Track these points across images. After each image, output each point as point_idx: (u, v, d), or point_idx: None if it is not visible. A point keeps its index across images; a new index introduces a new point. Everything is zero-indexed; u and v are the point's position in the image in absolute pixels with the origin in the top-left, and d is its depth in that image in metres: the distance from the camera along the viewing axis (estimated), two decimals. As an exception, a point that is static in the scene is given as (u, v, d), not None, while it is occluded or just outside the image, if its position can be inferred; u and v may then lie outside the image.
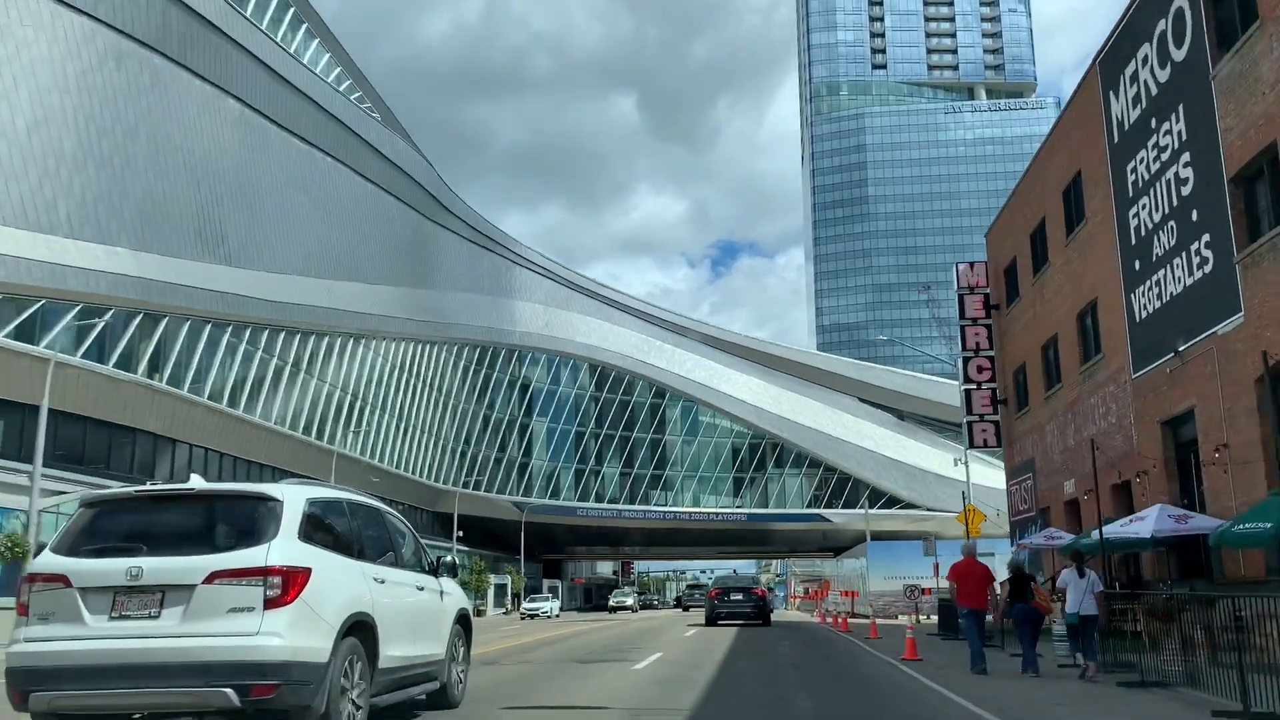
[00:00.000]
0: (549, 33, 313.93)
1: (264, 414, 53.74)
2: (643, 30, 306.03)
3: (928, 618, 34.46)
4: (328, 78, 63.75)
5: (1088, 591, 14.70)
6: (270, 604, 7.08)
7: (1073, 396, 26.68)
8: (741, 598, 34.19)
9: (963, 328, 33.54)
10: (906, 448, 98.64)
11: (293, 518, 7.56)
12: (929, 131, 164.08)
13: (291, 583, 7.19)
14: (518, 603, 75.33)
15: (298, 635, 7.14)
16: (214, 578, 7.07)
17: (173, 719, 7.35)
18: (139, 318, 43.57)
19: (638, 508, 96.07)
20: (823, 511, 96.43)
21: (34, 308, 38.41)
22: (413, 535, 10.19)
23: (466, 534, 73.92)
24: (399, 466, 70.72)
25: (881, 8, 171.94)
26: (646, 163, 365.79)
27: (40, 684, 7.02)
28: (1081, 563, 15.43)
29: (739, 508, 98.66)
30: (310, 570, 7.37)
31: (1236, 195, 17.75)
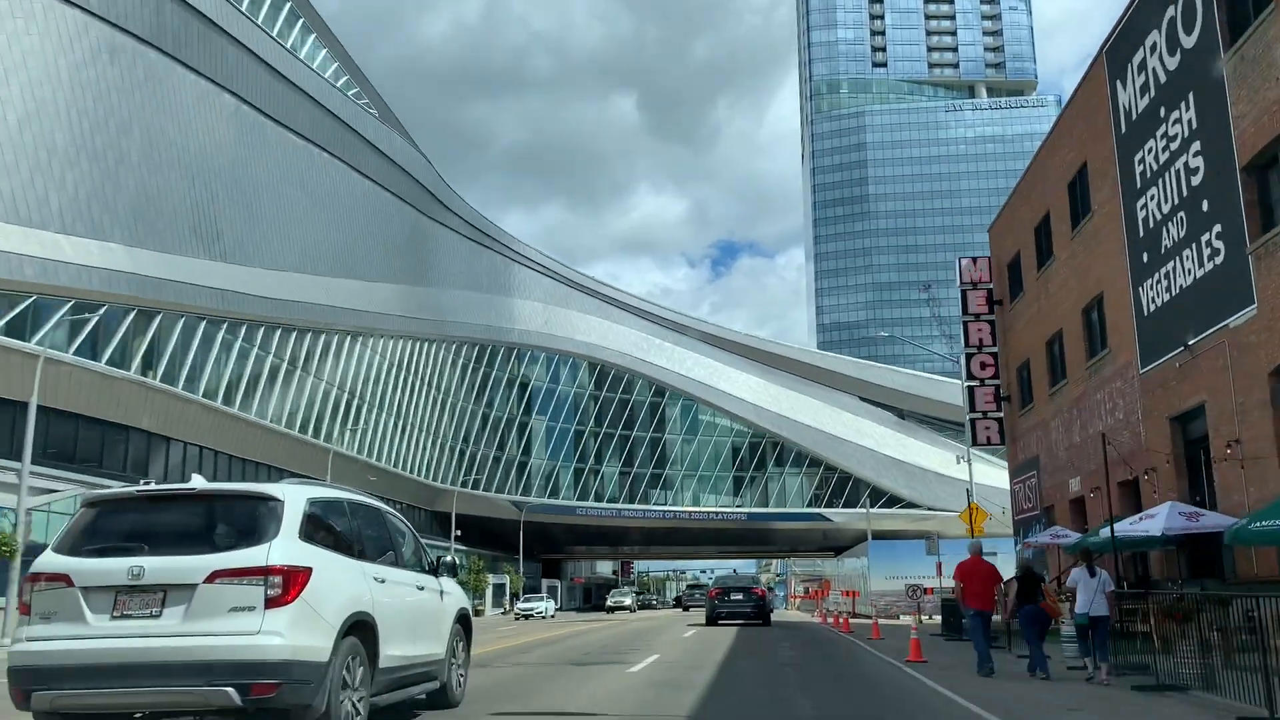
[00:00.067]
0: (549, 32, 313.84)
1: (260, 412, 53.27)
2: (643, 30, 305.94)
3: (929, 618, 34.02)
4: (324, 74, 63.29)
5: (1099, 591, 14.24)
6: (271, 603, 7.13)
7: (1078, 393, 26.25)
8: (742, 598, 34.13)
9: (965, 324, 33.15)
10: (907, 447, 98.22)
11: (293, 517, 7.61)
12: (929, 130, 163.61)
13: (292, 582, 7.25)
14: (516, 603, 74.69)
15: (298, 634, 7.18)
16: (215, 577, 7.13)
17: (174, 718, 7.39)
18: (132, 314, 43.15)
19: (637, 507, 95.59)
20: (823, 511, 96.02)
21: (25, 304, 37.98)
22: (413, 535, 10.21)
23: (465, 533, 73.46)
24: (397, 465, 70.28)
25: (882, 5, 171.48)
26: (646, 162, 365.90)
27: (42, 683, 7.06)
28: (1092, 562, 14.99)
29: (739, 507, 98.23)
30: (311, 570, 7.43)
31: (1249, 184, 17.33)
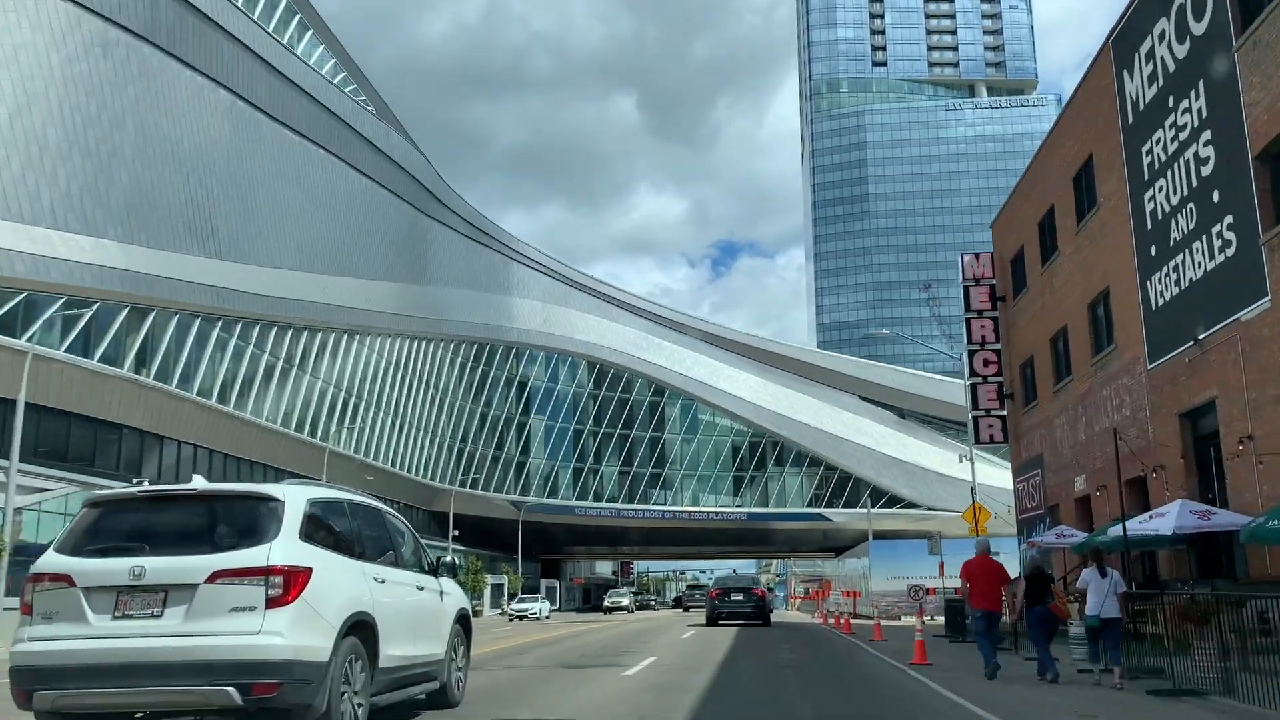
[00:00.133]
0: (549, 32, 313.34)
1: (255, 411, 52.76)
2: (643, 30, 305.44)
3: (931, 619, 33.57)
4: (321, 70, 62.78)
5: (1110, 593, 13.77)
6: (272, 603, 7.14)
7: (1083, 390, 25.79)
8: (742, 598, 34.24)
9: (968, 320, 32.68)
10: (907, 446, 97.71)
11: (294, 518, 7.62)
12: (930, 129, 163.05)
13: (293, 582, 7.26)
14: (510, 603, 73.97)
15: (299, 634, 7.19)
16: (216, 577, 7.14)
17: (175, 718, 7.39)
18: (125, 311, 42.64)
19: (636, 507, 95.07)
20: (823, 511, 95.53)
21: (15, 300, 37.48)
22: (412, 535, 10.20)
23: (463, 533, 72.93)
24: (394, 465, 69.78)
25: (882, 4, 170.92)
26: (646, 162, 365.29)
27: (44, 683, 7.08)
28: (1102, 562, 14.52)
29: (738, 507, 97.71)
30: (311, 570, 7.43)
31: (1262, 173, 16.88)
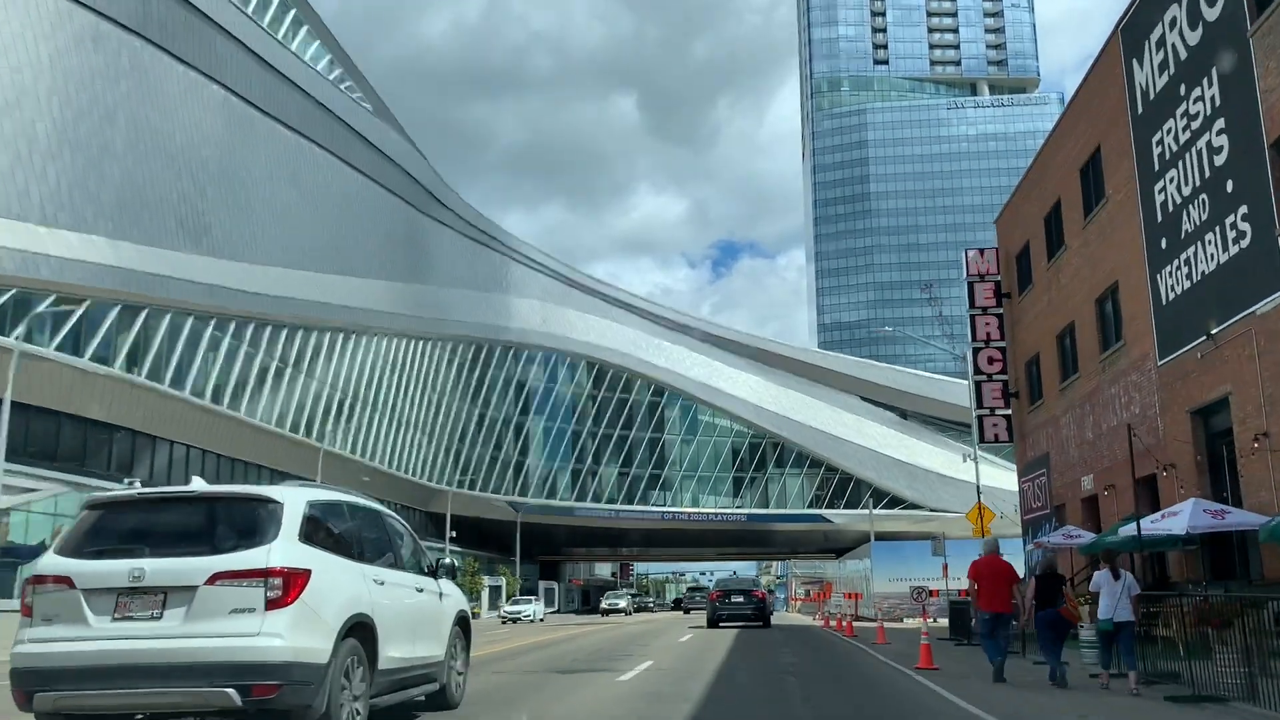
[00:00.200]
0: (549, 32, 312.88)
1: (249, 411, 52.17)
2: (643, 30, 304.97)
3: (934, 621, 32.99)
4: (317, 65, 62.25)
5: (1123, 595, 13.21)
6: (271, 605, 7.16)
7: (1091, 387, 25.23)
8: (742, 600, 34.34)
9: (972, 317, 32.09)
10: (909, 447, 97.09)
11: (293, 520, 7.64)
12: (931, 127, 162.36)
13: (292, 584, 7.27)
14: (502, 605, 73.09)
15: (298, 636, 7.20)
16: (216, 579, 7.16)
17: (175, 719, 7.38)
18: (117, 309, 42.06)
19: (636, 508, 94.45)
20: (824, 512, 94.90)
21: (4, 297, 36.89)
22: (411, 537, 10.18)
23: (460, 534, 72.34)
24: (391, 466, 69.20)
25: (883, 2, 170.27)
26: (647, 162, 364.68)
27: (44, 684, 7.10)
28: (1115, 563, 13.94)
29: (739, 508, 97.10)
30: (310, 572, 7.44)
31: (1278, 161, 16.29)
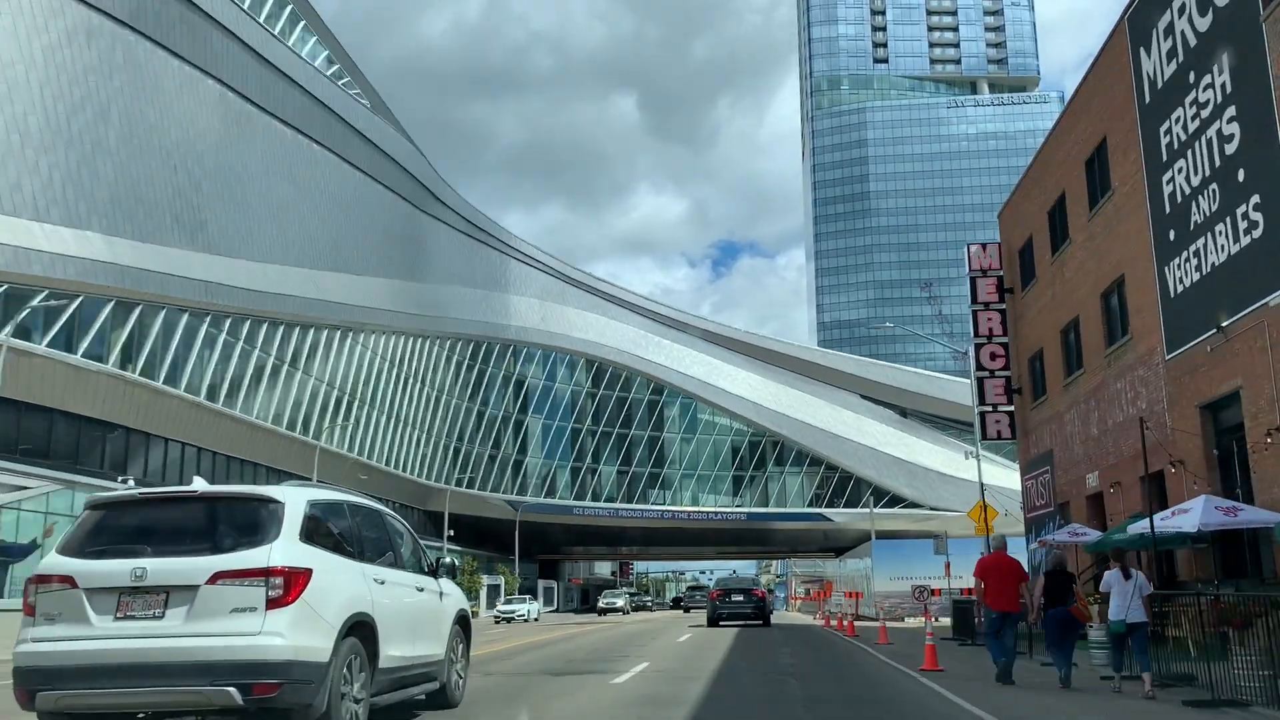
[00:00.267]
0: (549, 32, 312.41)
1: (245, 408, 51.70)
2: (643, 29, 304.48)
3: (936, 620, 32.60)
4: (314, 62, 61.78)
5: (1135, 595, 12.81)
6: (272, 604, 7.19)
7: (1096, 382, 24.80)
8: (742, 599, 34.69)
9: (974, 313, 31.69)
10: (910, 446, 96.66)
11: (294, 519, 7.67)
12: (931, 126, 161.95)
13: (293, 583, 7.30)
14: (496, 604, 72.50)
15: (299, 635, 7.23)
16: (217, 578, 7.19)
17: (177, 718, 7.39)
18: (110, 305, 41.59)
19: (635, 507, 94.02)
20: (824, 511, 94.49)
21: (-5, 293, 36.50)
22: (412, 536, 10.19)
23: (459, 533, 71.90)
24: (389, 464, 68.75)
25: (883, 1, 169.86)
26: (647, 162, 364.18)
27: (47, 683, 7.13)
28: (1125, 562, 13.54)
29: (738, 507, 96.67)
30: (311, 571, 7.46)
31: (1293, 149, 15.86)
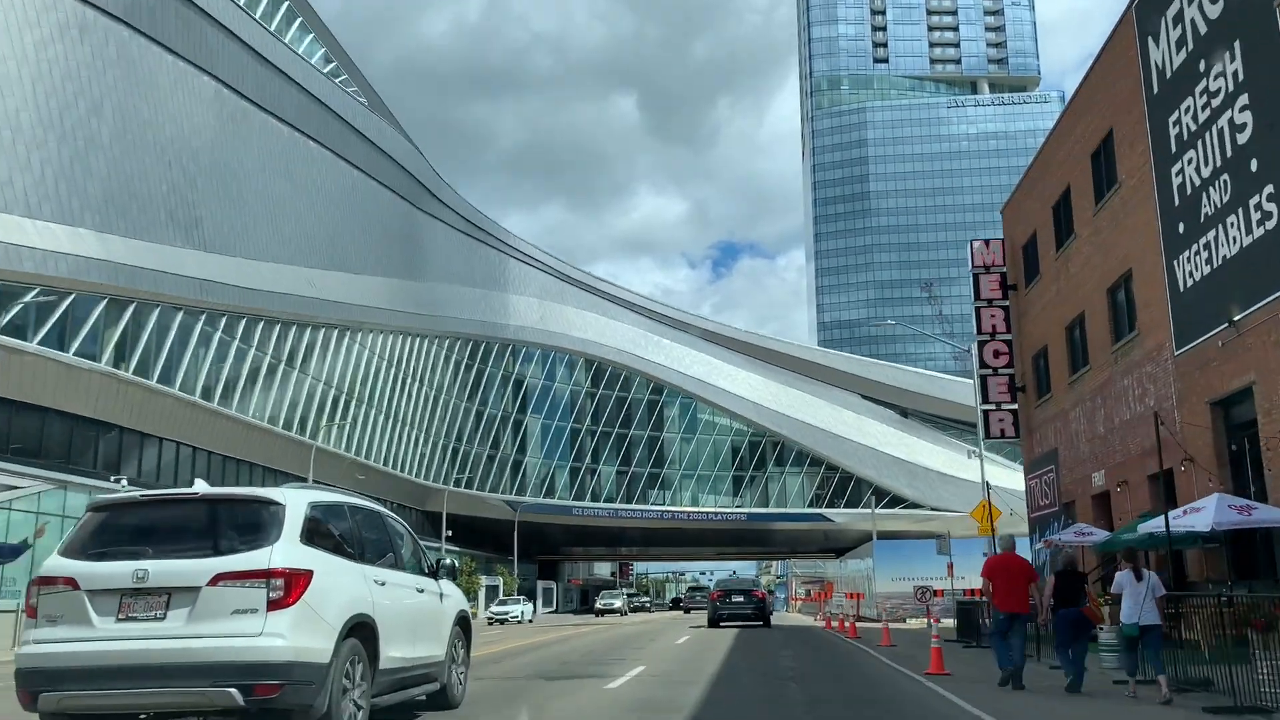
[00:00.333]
0: (549, 32, 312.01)
1: (241, 408, 51.22)
2: (643, 30, 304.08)
3: (938, 621, 32.15)
4: (311, 59, 61.33)
5: (1148, 596, 12.37)
6: (273, 605, 7.21)
7: (1102, 379, 24.36)
8: (743, 600, 35.07)
9: (977, 310, 31.29)
10: (911, 446, 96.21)
11: (295, 521, 7.70)
12: (931, 126, 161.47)
13: (294, 585, 7.32)
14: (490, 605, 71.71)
15: (300, 636, 7.25)
16: (218, 580, 7.22)
17: (178, 719, 7.39)
18: (103, 303, 41.13)
19: (635, 507, 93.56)
20: (824, 511, 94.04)
21: (-14, 290, 36.06)
22: (412, 538, 10.18)
23: (457, 534, 71.40)
24: (387, 464, 68.27)
25: (883, 0, 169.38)
26: (647, 162, 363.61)
27: (49, 684, 7.17)
28: (1137, 562, 13.09)
29: (738, 507, 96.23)
30: (312, 573, 7.49)
31: (1308, 137, 15.44)
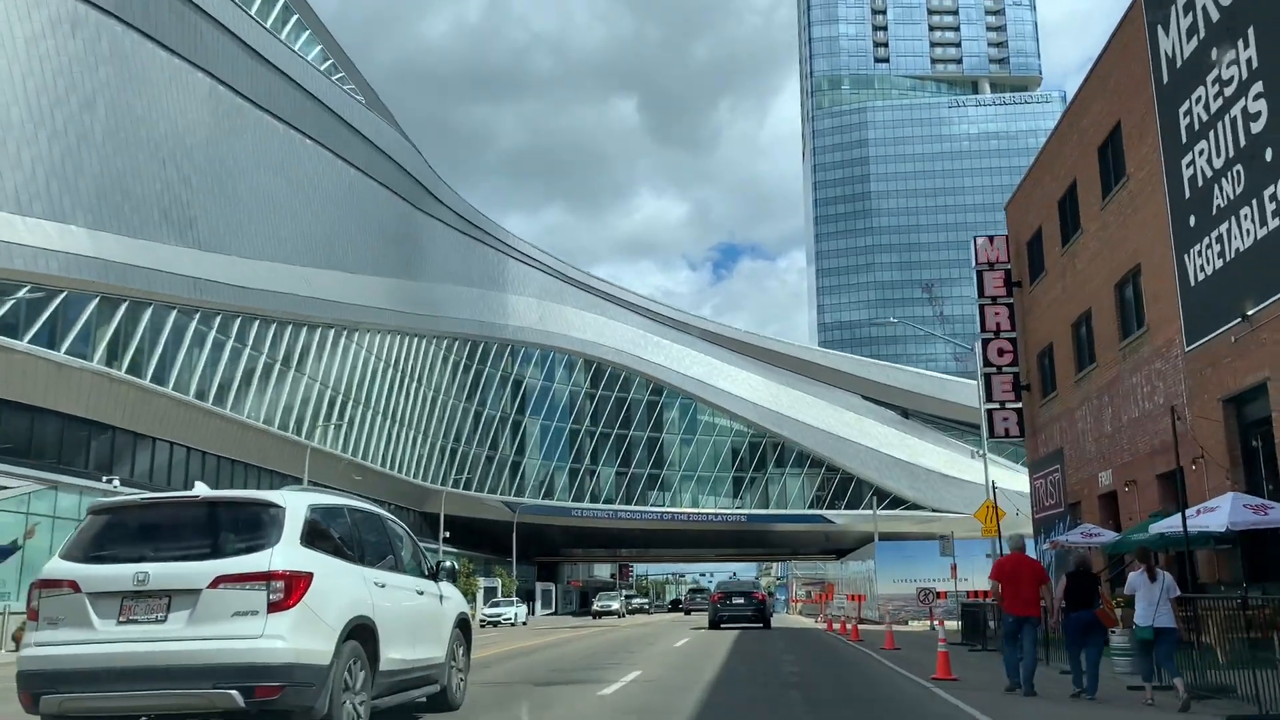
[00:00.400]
0: (550, 34, 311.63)
1: (236, 408, 50.71)
2: (644, 31, 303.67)
3: (943, 624, 31.64)
4: (308, 56, 60.85)
5: (1163, 598, 11.89)
6: (274, 608, 7.22)
7: (1109, 377, 23.87)
8: (743, 602, 35.60)
9: (981, 307, 30.86)
10: (912, 447, 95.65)
11: (295, 524, 7.72)
12: (932, 126, 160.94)
13: (294, 587, 7.33)
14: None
15: (300, 638, 7.25)
16: (219, 582, 7.24)
17: None
18: (95, 301, 40.65)
19: (634, 509, 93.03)
20: (825, 513, 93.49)
21: (-25, 288, 35.57)
22: (412, 540, 10.17)
23: (455, 535, 70.91)
24: (385, 465, 67.75)
25: (884, 0, 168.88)
26: (647, 164, 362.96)
27: (50, 687, 7.18)
28: (1151, 563, 12.60)
29: (738, 508, 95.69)
30: (312, 575, 7.50)
31: (1325, 125, 14.95)
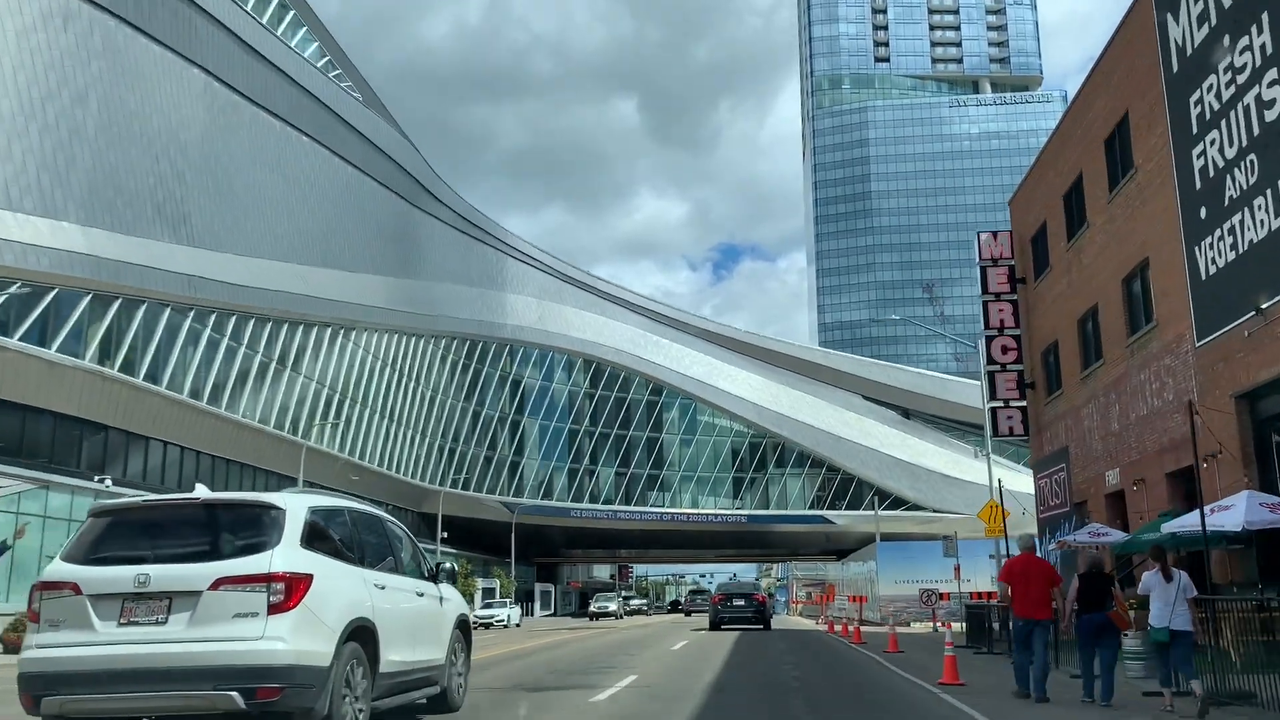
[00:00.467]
0: (550, 34, 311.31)
1: (231, 407, 50.24)
2: (644, 32, 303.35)
3: (948, 627, 31.15)
4: (304, 53, 60.42)
5: (1179, 599, 11.40)
6: (274, 609, 7.24)
7: (1117, 374, 23.38)
8: (743, 603, 35.84)
9: (985, 304, 30.33)
10: (913, 447, 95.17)
11: (295, 526, 7.74)
12: (933, 125, 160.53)
13: (294, 589, 7.36)
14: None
15: (301, 640, 7.28)
16: (219, 584, 7.27)
17: None
18: (88, 299, 40.18)
19: (634, 509, 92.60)
20: (825, 513, 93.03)
21: (-35, 285, 35.12)
22: (411, 542, 10.19)
23: (453, 536, 70.51)
24: (382, 465, 67.29)
25: (884, 0, 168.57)
26: (648, 165, 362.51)
27: (51, 689, 7.20)
28: (1166, 562, 12.12)
29: (738, 509, 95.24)
30: (312, 577, 7.53)
31: (1344, 110, 14.46)
